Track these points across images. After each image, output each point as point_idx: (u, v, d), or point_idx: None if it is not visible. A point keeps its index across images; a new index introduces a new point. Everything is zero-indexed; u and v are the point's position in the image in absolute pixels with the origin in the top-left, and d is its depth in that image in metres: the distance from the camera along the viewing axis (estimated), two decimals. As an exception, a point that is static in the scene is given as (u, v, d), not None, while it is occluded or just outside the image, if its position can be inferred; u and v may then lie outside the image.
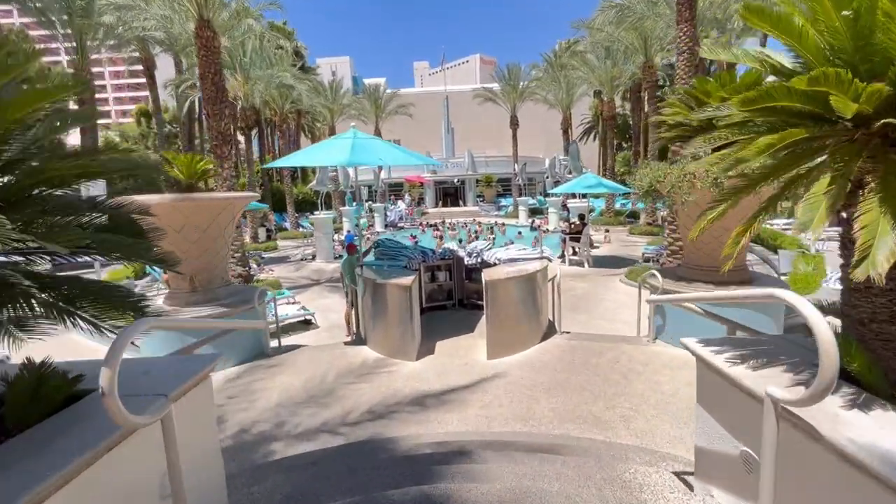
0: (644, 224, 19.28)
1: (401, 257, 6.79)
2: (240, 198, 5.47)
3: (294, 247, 20.11)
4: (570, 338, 5.91)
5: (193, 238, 5.25)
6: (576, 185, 12.39)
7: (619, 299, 9.28)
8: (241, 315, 5.51)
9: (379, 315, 5.55)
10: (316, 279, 12.72)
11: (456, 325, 6.69)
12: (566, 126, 28.37)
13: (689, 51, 9.10)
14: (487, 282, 5.17)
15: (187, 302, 5.36)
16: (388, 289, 5.35)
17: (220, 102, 9.66)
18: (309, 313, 8.28)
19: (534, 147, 52.84)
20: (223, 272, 5.66)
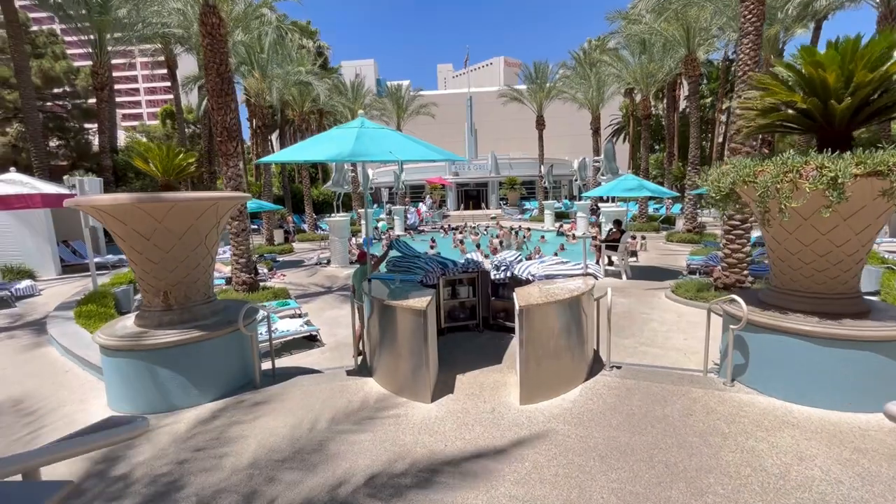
0: (683, 231, 17.78)
1: (416, 270, 5.78)
2: (225, 199, 4.56)
3: (310, 249, 19.42)
4: (623, 374, 4.78)
5: (166, 246, 4.36)
6: (614, 188, 11.17)
7: (668, 319, 8.04)
8: (224, 339, 4.58)
9: (387, 342, 4.55)
10: (328, 286, 11.87)
11: (480, 353, 5.63)
12: (596, 126, 26.94)
13: (756, 31, 7.81)
14: (522, 308, 4.10)
15: (159, 322, 4.48)
16: (397, 312, 4.34)
17: (226, 95, 8.90)
18: (313, 329, 7.36)
19: (559, 149, 51.32)
20: (205, 286, 4.75)
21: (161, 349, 4.21)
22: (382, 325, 4.58)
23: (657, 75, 20.94)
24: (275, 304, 8.71)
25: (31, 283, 10.46)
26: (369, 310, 4.89)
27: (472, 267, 6.23)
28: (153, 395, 4.23)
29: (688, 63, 16.44)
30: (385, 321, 4.53)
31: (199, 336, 4.36)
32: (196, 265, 4.63)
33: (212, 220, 4.62)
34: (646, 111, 22.11)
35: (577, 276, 5.29)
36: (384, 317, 4.53)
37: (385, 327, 4.54)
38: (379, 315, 4.63)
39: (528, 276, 5.62)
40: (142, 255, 4.39)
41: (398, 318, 4.38)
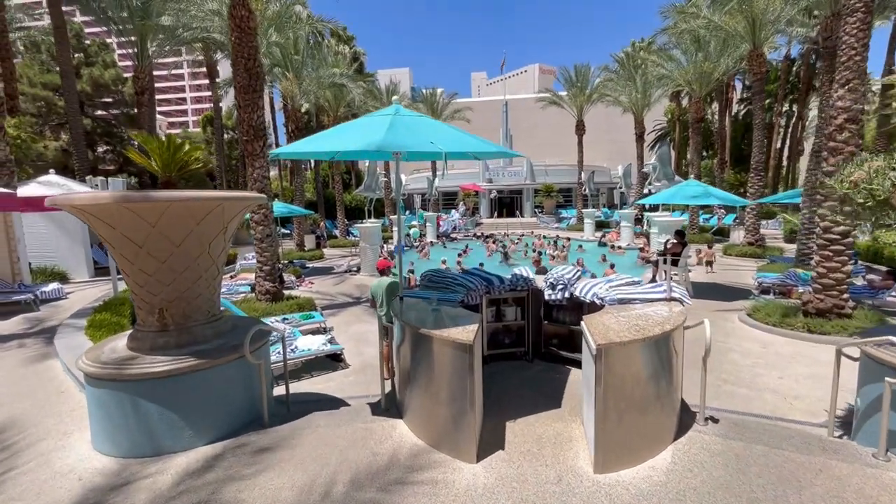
0: (744, 243, 16.09)
1: (457, 287, 4.87)
2: (232, 199, 3.81)
3: (341, 256, 18.93)
4: (724, 432, 3.67)
5: (161, 255, 3.63)
6: (675, 194, 9.91)
7: (750, 350, 6.77)
8: (227, 367, 3.81)
9: (421, 378, 3.65)
10: (357, 297, 11.14)
11: (533, 390, 4.65)
12: (641, 130, 25.40)
13: (865, 9, 6.52)
14: (601, 347, 3.10)
15: (153, 345, 3.75)
16: (436, 344, 3.44)
17: (253, 92, 8.35)
18: (337, 348, 6.56)
19: (596, 156, 49.43)
20: (209, 303, 4.01)
21: (149, 380, 3.46)
22: (416, 357, 3.68)
23: (712, 75, 19.34)
24: (298, 316, 8.01)
25: (58, 286, 10.24)
26: (400, 336, 4.01)
27: (522, 285, 5.26)
28: (138, 435, 3.48)
29: (752, 59, 14.91)
30: (420, 353, 3.63)
31: (195, 364, 3.59)
32: (197, 278, 3.88)
33: (217, 226, 3.87)
34: (698, 114, 20.49)
35: (657, 298, 4.23)
36: (419, 347, 3.63)
37: (420, 360, 3.64)
38: (412, 344, 3.74)
39: (594, 298, 4.60)
40: (133, 266, 3.68)
41: (436, 352, 3.47)
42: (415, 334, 3.64)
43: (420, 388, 3.67)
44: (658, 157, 12.56)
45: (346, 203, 29.91)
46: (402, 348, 3.98)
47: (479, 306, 5.02)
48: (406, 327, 3.80)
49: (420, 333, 3.53)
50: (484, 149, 3.86)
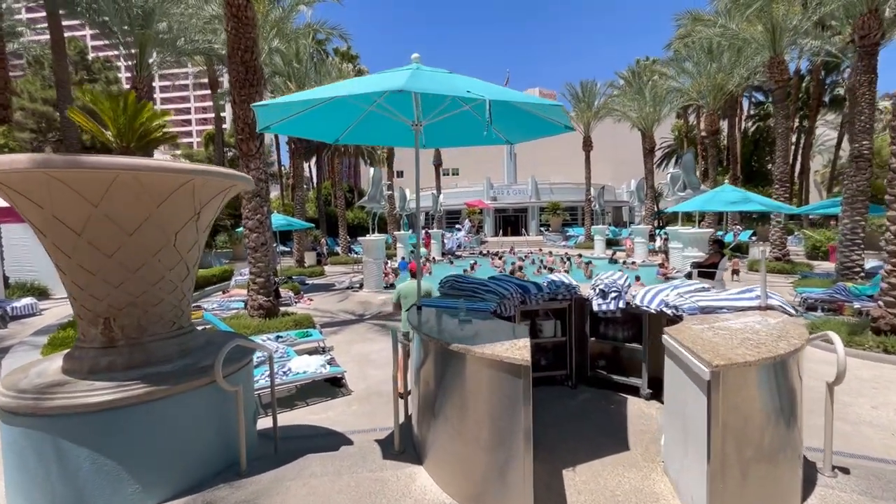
0: (770, 258, 15.14)
1: (487, 295, 3.94)
2: (207, 174, 2.93)
3: (342, 273, 18.02)
4: (867, 490, 2.68)
5: (107, 247, 2.74)
6: (711, 200, 9.03)
7: (823, 373, 5.74)
8: (191, 397, 2.86)
9: (450, 412, 2.69)
10: (360, 314, 10.19)
11: (588, 427, 3.67)
12: (651, 145, 24.80)
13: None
14: (719, 369, 2.16)
15: (93, 366, 2.81)
16: (472, 366, 2.50)
17: (250, 87, 7.62)
18: (338, 371, 5.59)
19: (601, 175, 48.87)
20: (174, 313, 3.09)
21: (79, 414, 2.52)
22: (444, 383, 2.73)
23: (726, 86, 18.80)
24: (294, 333, 7.06)
25: (32, 301, 9.32)
26: (420, 354, 3.07)
27: (564, 293, 4.33)
28: (62, 492, 2.51)
29: (773, 66, 14.30)
30: (449, 376, 2.69)
31: (147, 392, 2.65)
32: (158, 279, 2.98)
33: (185, 210, 2.99)
34: (713, 126, 19.86)
35: (750, 308, 3.30)
36: (447, 369, 2.69)
37: (449, 386, 2.69)
38: (438, 365, 2.80)
39: (661, 309, 3.66)
40: (71, 261, 2.79)
41: (474, 375, 2.53)
42: (442, 352, 2.71)
43: (449, 423, 2.71)
44: (682, 165, 11.79)
45: (349, 220, 29.20)
46: (424, 371, 3.03)
47: (511, 319, 4.09)
48: (429, 343, 2.86)
49: (450, 351, 2.59)
50: (528, 100, 3.01)
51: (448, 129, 4.32)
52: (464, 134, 4.37)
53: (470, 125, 4.20)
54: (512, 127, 3.97)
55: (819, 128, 32.96)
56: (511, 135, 4.15)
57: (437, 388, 2.80)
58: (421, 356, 3.06)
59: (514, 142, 4.32)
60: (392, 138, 4.49)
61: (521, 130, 3.98)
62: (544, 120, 3.59)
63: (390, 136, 4.45)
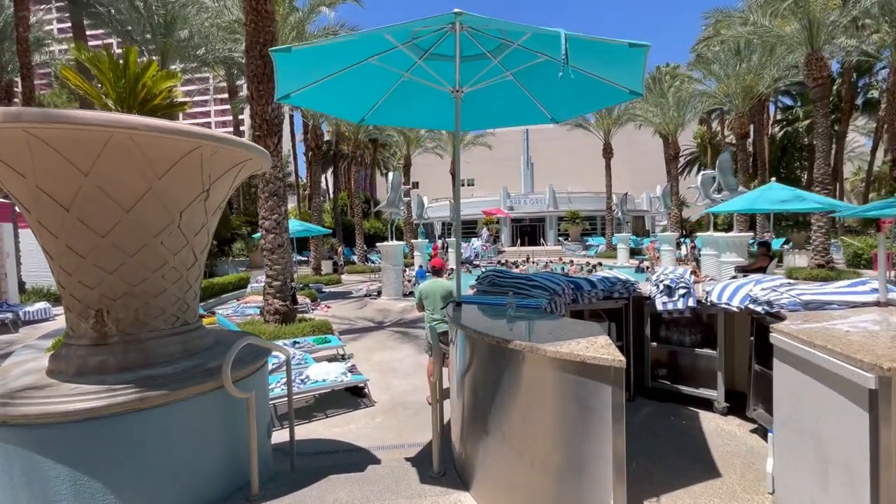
0: (812, 266, 14.23)
1: (534, 291, 3.41)
2: (217, 140, 2.49)
3: (359, 281, 17.63)
4: None
5: (101, 225, 2.33)
6: (756, 199, 8.35)
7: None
8: (194, 405, 2.39)
9: (508, 427, 2.16)
10: (380, 321, 9.71)
11: (665, 449, 3.08)
12: (675, 151, 24.06)
13: None
14: (892, 373, 1.60)
15: (82, 367, 2.37)
16: (537, 368, 1.98)
17: (268, 81, 7.32)
18: (360, 379, 5.10)
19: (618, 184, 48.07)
20: (178, 306, 2.65)
21: (55, 424, 2.06)
22: (498, 390, 2.21)
23: (756, 87, 18.08)
24: (311, 339, 6.60)
25: (45, 306, 9.09)
26: (465, 356, 2.55)
27: (620, 291, 3.78)
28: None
29: (811, 64, 13.59)
30: (506, 382, 2.16)
31: (139, 399, 2.18)
32: (160, 265, 2.54)
33: (193, 184, 2.56)
34: (742, 129, 19.09)
35: (866, 303, 2.70)
36: (503, 373, 2.17)
37: (504, 394, 2.17)
38: (490, 368, 2.28)
39: (744, 306, 3.09)
40: (59, 242, 2.37)
41: (541, 380, 2.00)
42: (497, 352, 2.18)
43: (506, 442, 2.18)
44: (718, 165, 11.14)
45: (365, 230, 28.98)
46: (471, 376, 2.51)
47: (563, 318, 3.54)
48: (479, 342, 2.34)
49: (509, 350, 2.07)
50: (600, 45, 2.52)
51: (489, 107, 3.86)
52: (506, 111, 3.91)
53: (513, 100, 3.73)
54: (564, 95, 3.49)
55: (852, 133, 31.77)
56: (560, 107, 3.66)
57: (490, 396, 2.28)
58: (466, 359, 2.54)
59: (561, 119, 3.83)
60: (426, 117, 4.05)
61: (576, 99, 3.49)
62: (606, 84, 3.09)
63: (424, 114, 4.01)
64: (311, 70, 3.01)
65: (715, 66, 19.02)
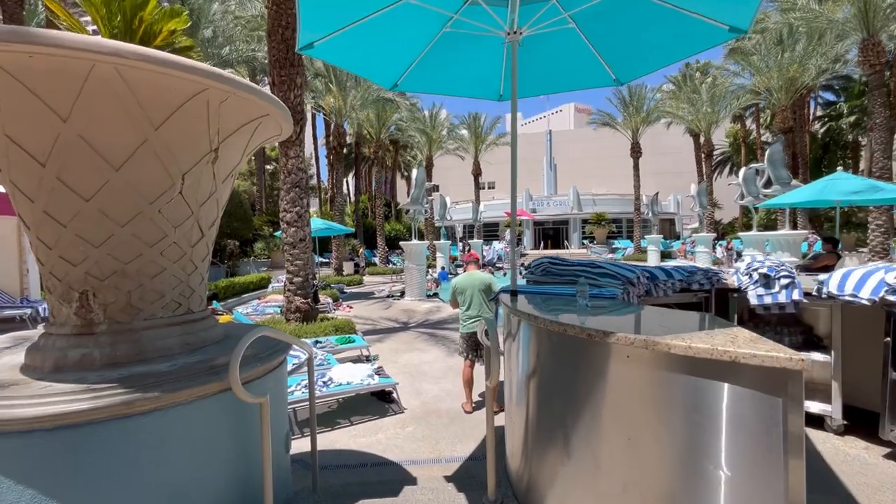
0: (869, 268, 13.12)
1: (603, 280, 2.84)
2: (228, 82, 2.01)
3: (381, 283, 17.24)
4: None
5: (84, 186, 1.87)
6: (821, 192, 7.51)
7: None
8: (195, 407, 1.90)
9: (600, 452, 1.60)
10: (404, 322, 9.22)
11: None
12: (709, 149, 22.99)
13: None
14: None
15: (60, 361, 1.93)
16: (657, 371, 1.42)
17: (291, 66, 6.96)
18: (388, 383, 4.59)
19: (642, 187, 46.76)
20: (180, 290, 2.19)
21: (18, 433, 1.61)
22: (590, 399, 1.65)
23: (801, 79, 17.00)
24: (334, 339, 6.15)
25: (66, 302, 8.89)
26: (532, 355, 2.01)
27: (701, 281, 3.17)
28: (-14, 560, 1.58)
29: (867, 49, 12.58)
30: (600, 389, 1.61)
31: (121, 403, 1.71)
32: (158, 239, 2.09)
33: (198, 140, 2.10)
34: (784, 124, 17.98)
35: None
36: (598, 377, 1.61)
37: (596, 406, 1.61)
38: (571, 371, 1.73)
39: (885, 297, 2.45)
40: (34, 206, 1.94)
41: (664, 390, 1.44)
42: (585, 348, 1.63)
43: (599, 468, 1.62)
44: (768, 158, 10.29)
45: (387, 233, 28.72)
46: (540, 380, 1.96)
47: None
48: (552, 336, 1.80)
49: (609, 346, 1.52)
50: None
51: (542, 68, 3.32)
52: (562, 73, 3.36)
53: (571, 58, 3.18)
54: (635, 45, 2.92)
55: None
56: (629, 63, 3.09)
57: (573, 407, 1.72)
58: (534, 358, 2.00)
59: (626, 79, 3.25)
60: (469, 83, 3.54)
61: (649, 50, 2.91)
62: (694, 20, 2.49)
63: (467, 79, 3.50)
64: (339, 13, 2.53)
65: (755, 57, 18.02)
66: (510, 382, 2.41)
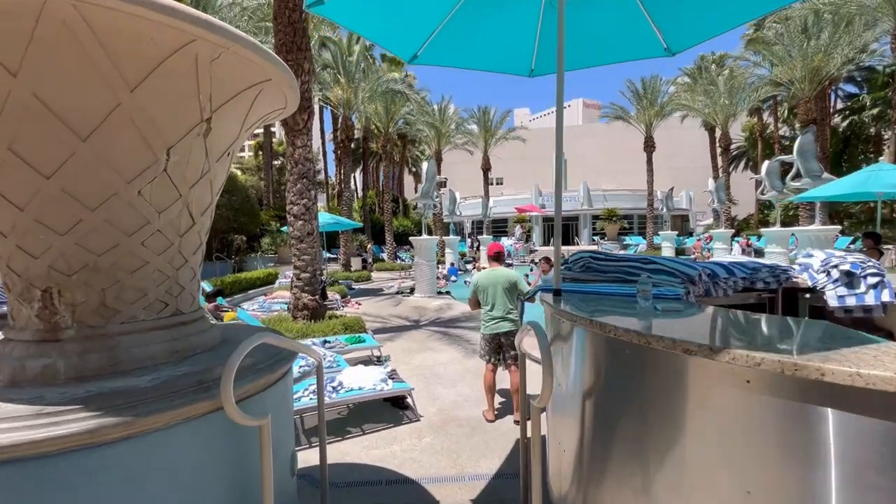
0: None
1: (658, 276, 2.45)
2: (221, 32, 1.64)
3: (389, 279, 16.91)
4: None
5: (46, 160, 1.51)
6: (862, 184, 7.00)
7: None
8: (180, 432, 1.54)
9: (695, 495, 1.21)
10: (415, 319, 8.87)
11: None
12: (726, 143, 22.35)
13: None
14: None
15: (17, 373, 1.59)
16: (793, 401, 1.02)
17: (298, 51, 6.60)
18: (404, 388, 4.24)
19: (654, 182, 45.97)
20: (168, 285, 1.83)
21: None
22: (675, 427, 1.27)
23: (826, 68, 16.34)
24: (344, 339, 5.81)
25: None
26: (590, 368, 1.64)
27: (767, 278, 2.76)
28: None
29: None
30: (697, 420, 1.22)
31: (84, 433, 1.35)
32: (138, 226, 1.73)
33: (187, 105, 1.73)
34: (808, 116, 17.32)
35: None
36: (696, 405, 1.23)
37: (693, 440, 1.23)
38: (656, 394, 1.35)
39: None
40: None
41: (808, 429, 1.05)
42: (677, 366, 1.25)
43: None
44: (798, 149, 9.74)
45: (394, 228, 28.42)
46: (599, 400, 1.58)
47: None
48: (624, 348, 1.42)
49: (717, 366, 1.14)
50: None
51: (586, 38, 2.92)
52: (607, 42, 2.96)
53: (621, 22, 2.78)
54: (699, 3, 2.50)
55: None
56: (688, 27, 2.68)
57: (659, 439, 1.34)
58: (594, 372, 1.62)
59: (679, 48, 2.85)
60: (498, 56, 3.15)
61: (715, 6, 2.49)
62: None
63: (496, 51, 3.11)
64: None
65: (777, 46, 17.37)
66: (554, 394, 2.02)
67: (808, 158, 9.68)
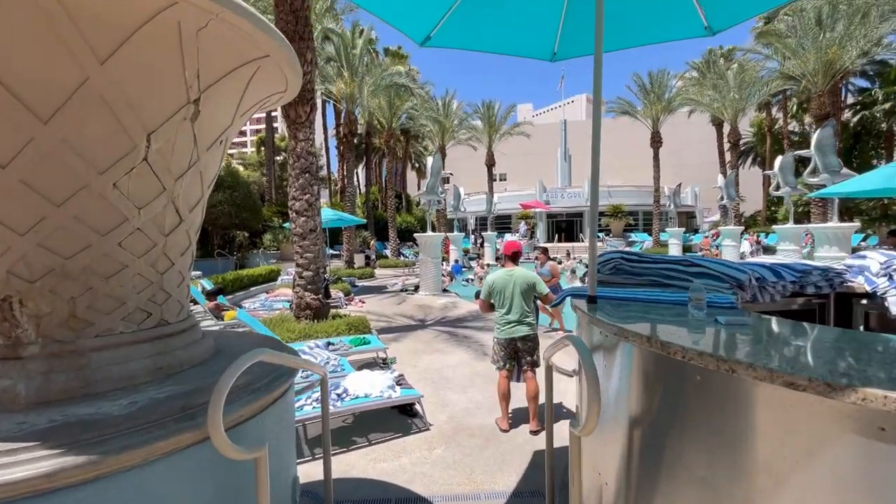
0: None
1: (700, 279, 2.19)
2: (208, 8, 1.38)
3: (393, 276, 16.68)
4: None
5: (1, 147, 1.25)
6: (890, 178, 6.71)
7: None
8: (153, 470, 1.29)
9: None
10: (421, 319, 8.63)
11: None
12: (735, 139, 21.95)
13: None
14: None
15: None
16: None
17: (300, 39, 6.33)
18: (413, 395, 4.00)
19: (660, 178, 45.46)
20: (150, 292, 1.58)
21: None
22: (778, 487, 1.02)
23: (839, 61, 15.94)
24: (348, 340, 5.57)
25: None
26: (638, 391, 1.39)
27: (819, 282, 2.50)
28: None
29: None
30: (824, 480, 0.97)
31: (42, 477, 1.10)
32: (115, 225, 1.48)
33: (169, 83, 1.48)
34: (821, 110, 16.92)
35: None
36: (822, 464, 0.98)
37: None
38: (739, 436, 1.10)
39: None
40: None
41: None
42: (799, 407, 1.00)
43: None
44: (817, 143, 9.42)
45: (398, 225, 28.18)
46: (654, 430, 1.33)
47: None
48: (706, 376, 1.17)
49: (870, 412, 0.88)
50: None
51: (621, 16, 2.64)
52: (648, 21, 2.69)
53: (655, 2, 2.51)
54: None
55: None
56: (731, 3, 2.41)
57: (745, 488, 1.09)
58: (646, 396, 1.37)
59: (720, 27, 2.58)
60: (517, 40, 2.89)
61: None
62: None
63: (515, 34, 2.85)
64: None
65: (790, 39, 16.95)
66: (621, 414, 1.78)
67: (826, 153, 9.36)
